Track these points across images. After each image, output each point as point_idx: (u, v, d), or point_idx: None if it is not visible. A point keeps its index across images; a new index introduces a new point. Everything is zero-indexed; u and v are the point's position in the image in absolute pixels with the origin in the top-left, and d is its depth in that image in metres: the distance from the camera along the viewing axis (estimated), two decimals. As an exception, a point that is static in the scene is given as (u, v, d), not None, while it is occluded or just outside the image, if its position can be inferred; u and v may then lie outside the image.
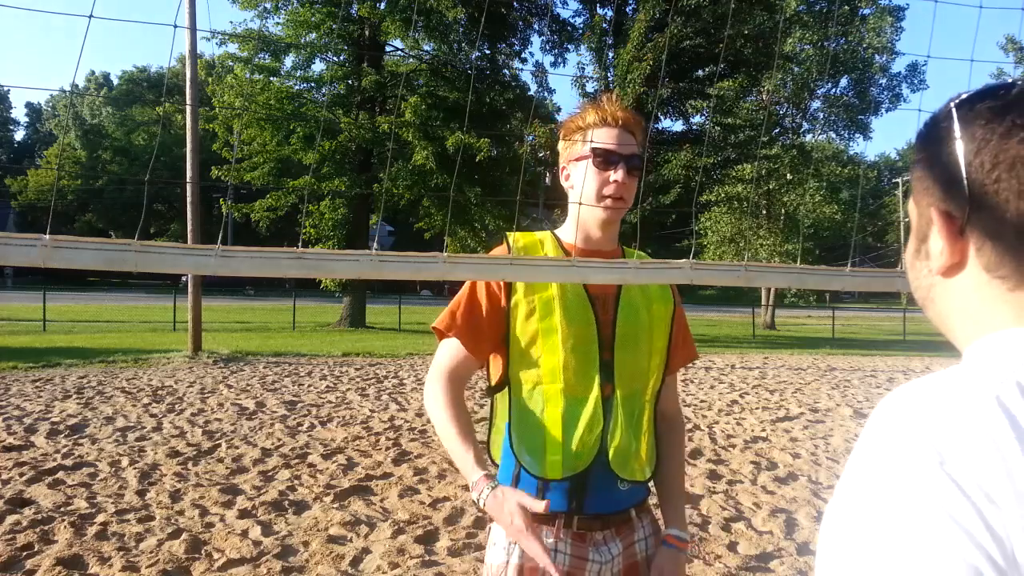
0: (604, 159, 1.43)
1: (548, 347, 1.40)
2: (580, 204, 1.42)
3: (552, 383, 1.40)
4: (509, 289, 1.43)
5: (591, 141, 1.45)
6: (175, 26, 0.88)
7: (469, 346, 1.45)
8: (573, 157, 1.49)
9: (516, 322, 1.42)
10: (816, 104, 27.22)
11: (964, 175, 0.59)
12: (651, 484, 1.54)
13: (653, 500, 1.52)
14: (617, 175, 1.42)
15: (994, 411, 0.48)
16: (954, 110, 0.61)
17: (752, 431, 6.86)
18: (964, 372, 0.54)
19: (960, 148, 0.60)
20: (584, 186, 1.44)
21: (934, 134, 0.63)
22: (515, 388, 1.44)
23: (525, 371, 1.42)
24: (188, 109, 13.78)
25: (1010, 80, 0.61)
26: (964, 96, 0.62)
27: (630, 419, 1.43)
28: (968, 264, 0.61)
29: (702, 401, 8.58)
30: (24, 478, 4.68)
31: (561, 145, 1.54)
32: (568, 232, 1.51)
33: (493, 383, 1.50)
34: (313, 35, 18.57)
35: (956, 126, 0.61)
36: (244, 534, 3.82)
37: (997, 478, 0.46)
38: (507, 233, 1.53)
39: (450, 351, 1.46)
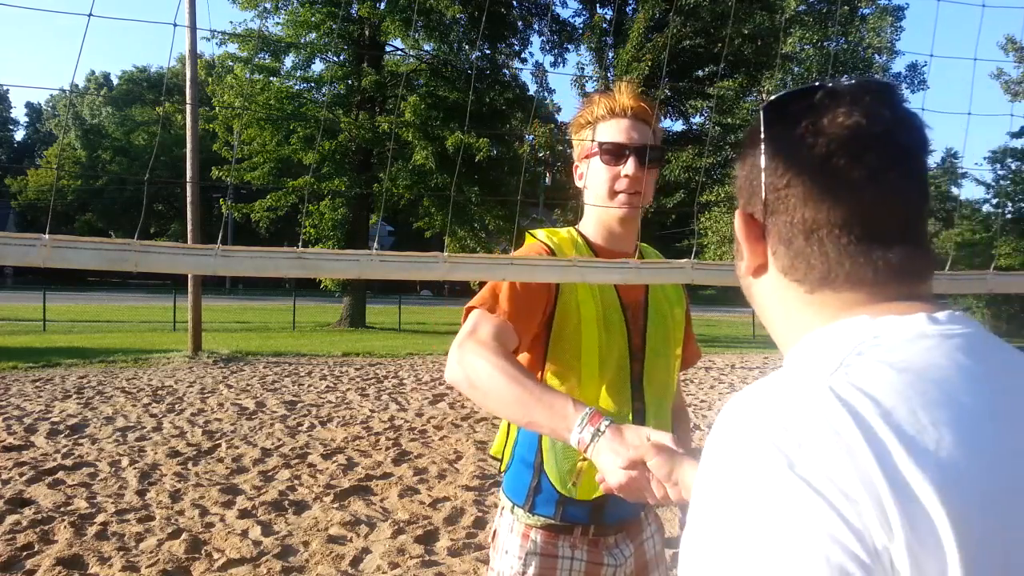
0: (613, 154, 1.35)
1: (587, 361, 1.34)
2: (597, 203, 1.39)
3: (589, 399, 1.33)
4: (557, 285, 1.35)
5: (599, 136, 1.38)
6: (175, 25, 0.88)
7: (516, 323, 1.26)
8: (584, 154, 1.42)
9: (557, 326, 1.34)
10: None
11: (762, 180, 0.60)
12: None
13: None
14: (628, 169, 1.34)
15: (832, 405, 0.48)
16: (761, 114, 0.61)
17: (752, 431, 6.86)
18: (794, 373, 0.54)
19: (761, 151, 0.60)
20: (596, 184, 1.38)
21: (747, 137, 0.64)
22: None
23: (561, 383, 1.35)
24: (188, 109, 13.78)
25: (819, 84, 0.61)
26: (773, 99, 0.62)
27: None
28: (770, 267, 0.62)
29: (702, 401, 8.58)
30: (24, 478, 4.68)
31: (574, 141, 1.47)
32: (587, 231, 1.45)
33: None
34: (313, 35, 18.57)
35: (762, 130, 0.61)
36: (244, 534, 3.82)
37: (847, 473, 0.45)
38: (530, 232, 1.46)
39: (488, 321, 1.24)
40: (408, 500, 4.47)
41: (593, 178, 1.40)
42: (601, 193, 1.38)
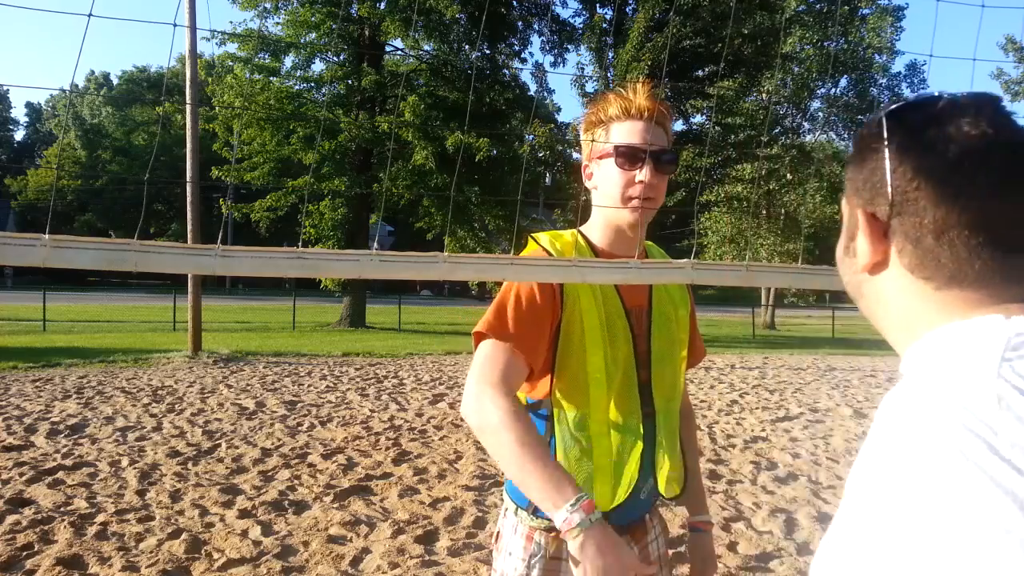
0: (628, 157, 1.32)
1: (593, 369, 1.31)
2: (607, 206, 1.38)
3: (598, 410, 1.31)
4: (562, 297, 1.32)
5: (614, 137, 1.34)
6: (175, 24, 0.88)
7: (525, 351, 1.27)
8: (596, 155, 1.38)
9: (563, 341, 1.32)
10: (816, 104, 27.25)
11: (888, 181, 0.64)
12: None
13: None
14: (643, 175, 1.31)
15: (1014, 393, 0.51)
16: (884, 119, 0.66)
17: (752, 431, 6.86)
18: (952, 367, 0.56)
19: (887, 155, 0.64)
20: (608, 187, 1.35)
21: (867, 139, 0.68)
22: (557, 412, 1.34)
23: (569, 395, 1.33)
24: (188, 109, 13.78)
25: (939, 93, 0.66)
26: (895, 106, 0.67)
27: (671, 438, 1.38)
28: (891, 264, 0.65)
29: (702, 401, 8.58)
30: (24, 478, 4.68)
31: (583, 138, 1.43)
32: (593, 234, 1.42)
33: (534, 399, 1.38)
34: (313, 35, 18.57)
35: (885, 134, 0.65)
36: (244, 534, 3.82)
37: None
38: (533, 236, 1.43)
39: (500, 355, 1.26)
40: (408, 500, 4.47)
41: (605, 181, 1.36)
42: (613, 196, 1.34)
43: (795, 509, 4.49)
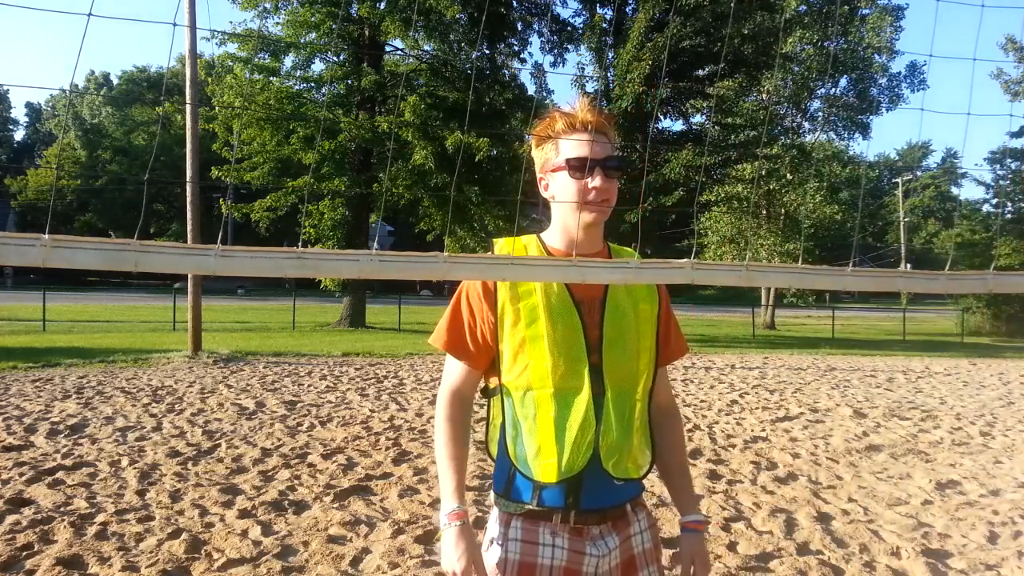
0: (580, 169, 1.43)
1: (536, 353, 1.41)
2: (579, 205, 1.43)
3: (542, 388, 1.41)
4: (494, 298, 1.45)
5: (563, 151, 1.45)
6: (175, 24, 0.88)
7: (463, 359, 1.50)
8: (549, 168, 1.50)
9: (504, 330, 1.44)
10: (816, 104, 27.24)
11: None
12: (654, 475, 1.57)
13: (656, 493, 1.53)
14: (595, 182, 1.42)
15: None
16: None
17: (752, 431, 6.86)
18: None
19: None
20: (565, 196, 1.46)
21: None
22: (507, 393, 1.46)
23: (515, 378, 1.44)
24: (188, 109, 13.77)
25: None
26: None
27: (621, 419, 1.44)
28: None
29: (702, 401, 8.57)
30: (24, 478, 4.68)
31: (535, 153, 1.54)
32: (553, 237, 1.53)
33: (490, 386, 1.53)
34: (313, 35, 18.57)
35: None
36: (244, 534, 3.82)
37: None
38: (493, 240, 1.57)
39: (451, 366, 1.52)
40: (408, 500, 4.47)
41: (562, 191, 1.47)
42: (571, 205, 1.45)
43: (795, 509, 4.49)
